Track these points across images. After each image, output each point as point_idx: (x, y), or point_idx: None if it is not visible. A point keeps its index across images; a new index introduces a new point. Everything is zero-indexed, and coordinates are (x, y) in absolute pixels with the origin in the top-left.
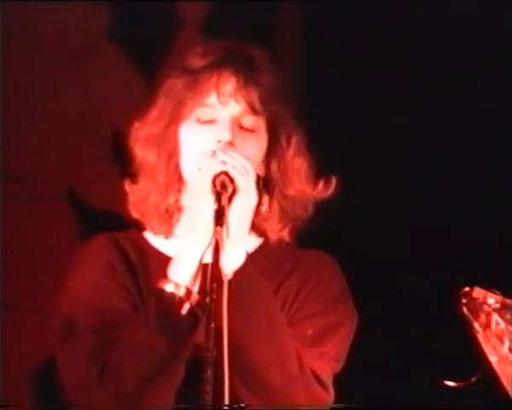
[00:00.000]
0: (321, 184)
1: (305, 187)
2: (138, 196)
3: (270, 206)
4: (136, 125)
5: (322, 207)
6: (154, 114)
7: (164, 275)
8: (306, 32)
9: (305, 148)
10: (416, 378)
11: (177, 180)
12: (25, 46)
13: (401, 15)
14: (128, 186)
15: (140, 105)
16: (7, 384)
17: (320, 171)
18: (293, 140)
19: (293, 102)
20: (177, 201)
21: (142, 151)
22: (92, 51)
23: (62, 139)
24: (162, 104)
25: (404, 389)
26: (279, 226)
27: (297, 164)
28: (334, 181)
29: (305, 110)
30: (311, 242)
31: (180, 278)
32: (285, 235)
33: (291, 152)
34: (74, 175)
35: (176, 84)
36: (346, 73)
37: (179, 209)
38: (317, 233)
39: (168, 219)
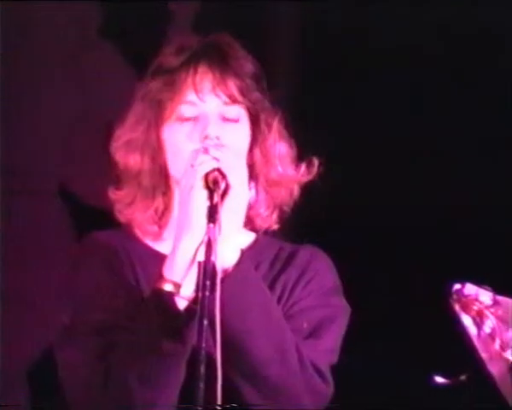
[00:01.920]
0: (303, 167)
1: (288, 170)
2: (124, 202)
3: (256, 193)
4: (116, 133)
5: (307, 190)
6: (132, 119)
7: (160, 274)
8: (301, 28)
9: (286, 132)
10: (405, 376)
11: (163, 182)
12: (22, 42)
13: (396, 14)
14: (112, 194)
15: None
16: (5, 382)
17: (303, 154)
18: (274, 125)
19: (270, 87)
20: (164, 202)
21: (125, 157)
22: (88, 48)
23: (59, 135)
24: (140, 109)
25: (394, 386)
26: (266, 213)
27: (278, 148)
28: (316, 163)
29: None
30: (300, 237)
31: (176, 277)
32: (272, 221)
33: (272, 137)
34: (71, 171)
35: (152, 86)
36: (338, 62)
37: (168, 211)
38: (305, 228)
39: (157, 221)
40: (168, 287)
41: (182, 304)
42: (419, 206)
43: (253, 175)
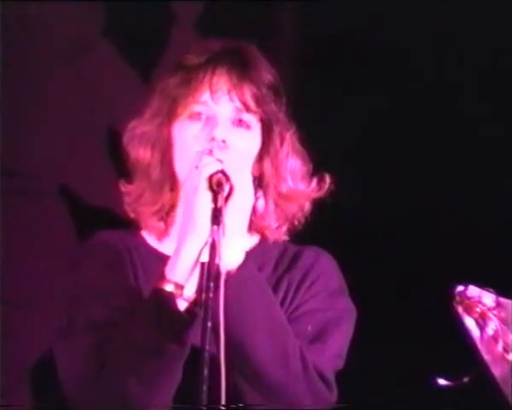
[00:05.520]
0: (314, 183)
1: (299, 185)
2: (133, 196)
3: (265, 204)
4: (132, 124)
5: (319, 206)
6: (148, 112)
7: (162, 274)
8: (302, 30)
9: (299, 146)
10: (409, 378)
11: (171, 178)
12: (22, 43)
13: (396, 14)
14: (123, 186)
15: (136, 102)
16: (7, 381)
17: (315, 169)
18: (287, 139)
19: (286, 100)
20: (172, 198)
21: (136, 149)
22: (89, 49)
23: (59, 135)
24: (157, 103)
25: (397, 388)
26: (276, 225)
27: (290, 163)
28: (327, 179)
29: (302, 108)
30: (306, 239)
31: (178, 278)
32: (282, 234)
33: (284, 151)
34: (72, 172)
35: (170, 81)
36: (342, 70)
37: (174, 207)
38: (311, 231)
39: (164, 216)
40: (169, 287)
41: (182, 305)
42: (422, 208)
43: (262, 185)
